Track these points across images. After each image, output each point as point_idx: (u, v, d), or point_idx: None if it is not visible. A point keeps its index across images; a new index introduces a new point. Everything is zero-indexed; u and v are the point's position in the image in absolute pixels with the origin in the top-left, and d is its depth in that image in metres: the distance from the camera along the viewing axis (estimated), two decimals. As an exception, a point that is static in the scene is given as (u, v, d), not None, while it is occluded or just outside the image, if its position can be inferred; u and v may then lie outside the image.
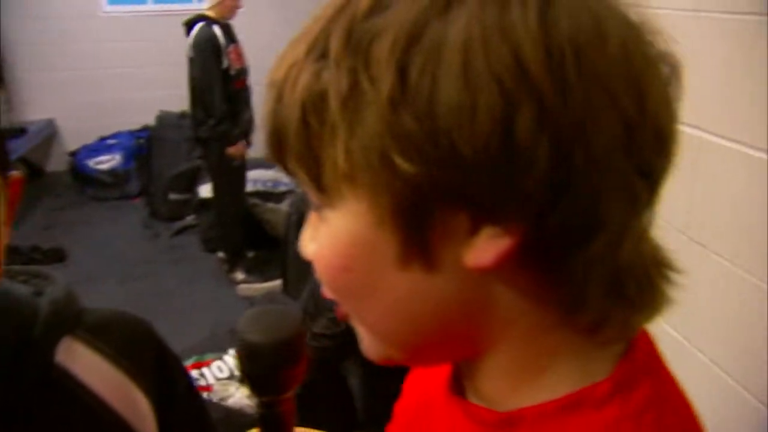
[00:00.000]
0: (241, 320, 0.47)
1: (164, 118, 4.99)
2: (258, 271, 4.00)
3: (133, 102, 5.64)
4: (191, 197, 4.73)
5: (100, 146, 5.56)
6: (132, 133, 5.64)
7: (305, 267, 1.96)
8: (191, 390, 0.79)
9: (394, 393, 2.13)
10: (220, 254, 4.12)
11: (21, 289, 0.68)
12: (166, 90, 5.19)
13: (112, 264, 4.34)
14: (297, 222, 3.11)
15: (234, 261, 4.02)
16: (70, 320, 0.67)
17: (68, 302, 0.68)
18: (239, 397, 2.49)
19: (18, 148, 5.20)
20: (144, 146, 5.46)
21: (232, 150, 3.65)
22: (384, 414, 2.18)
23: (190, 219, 4.73)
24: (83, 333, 0.69)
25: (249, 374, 0.47)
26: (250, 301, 3.63)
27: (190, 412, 0.78)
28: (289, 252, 3.19)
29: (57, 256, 4.47)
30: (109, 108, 5.70)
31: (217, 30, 3.59)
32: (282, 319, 0.47)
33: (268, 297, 2.87)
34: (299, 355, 0.47)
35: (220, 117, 3.56)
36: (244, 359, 0.47)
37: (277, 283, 3.69)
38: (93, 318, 0.71)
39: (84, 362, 0.67)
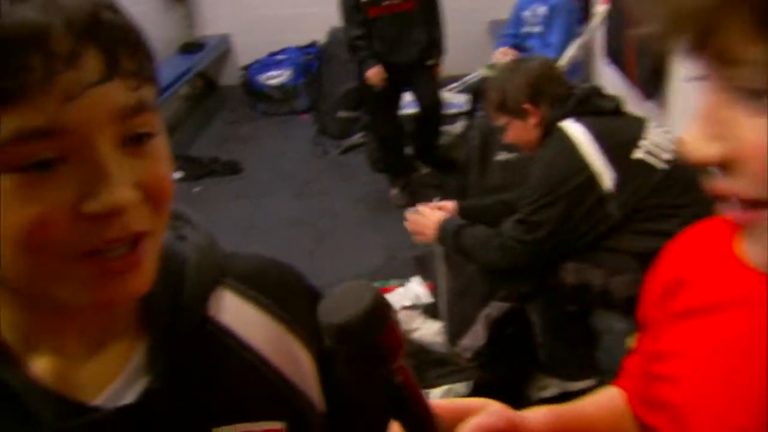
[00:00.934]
0: (319, 308, 0.47)
1: (335, 35, 4.93)
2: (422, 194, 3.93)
3: (304, 17, 5.63)
4: (360, 115, 4.70)
5: (270, 61, 5.64)
6: (300, 49, 5.67)
7: (484, 193, 1.81)
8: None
9: (577, 335, 1.96)
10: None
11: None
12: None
13: (285, 179, 4.44)
14: (480, 146, 2.97)
15: (395, 183, 3.99)
16: (218, 268, 0.62)
17: (213, 249, 0.62)
18: (424, 331, 2.44)
19: (197, 63, 5.39)
20: (313, 62, 5.48)
21: (369, 74, 3.67)
22: (566, 357, 2.03)
23: (357, 137, 4.71)
24: (233, 281, 0.63)
25: (348, 355, 0.46)
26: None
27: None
28: (470, 176, 3.06)
29: (233, 168, 4.63)
30: (281, 23, 5.73)
31: None
32: (355, 292, 0.46)
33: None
34: (385, 319, 0.46)
35: (350, 44, 3.72)
36: (336, 343, 0.46)
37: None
38: (242, 265, 0.66)
39: (237, 313, 0.62)
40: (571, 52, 3.90)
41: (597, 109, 1.99)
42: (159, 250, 0.52)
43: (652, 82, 2.85)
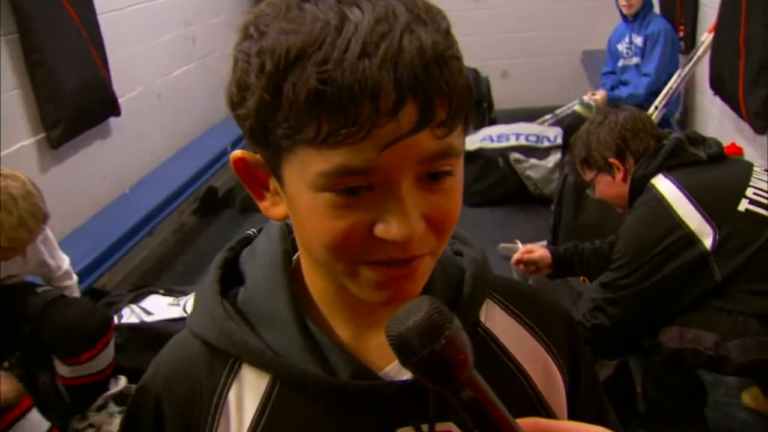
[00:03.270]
0: (386, 325, 0.48)
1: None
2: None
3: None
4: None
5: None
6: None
7: (578, 233, 1.72)
8: (592, 368, 0.77)
9: (684, 387, 1.78)
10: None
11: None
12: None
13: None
14: (574, 183, 2.85)
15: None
16: (490, 282, 0.69)
17: (486, 264, 0.70)
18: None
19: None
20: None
21: None
22: (671, 411, 1.84)
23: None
24: (500, 297, 0.71)
25: (416, 366, 0.46)
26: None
27: (592, 389, 0.76)
28: (563, 213, 2.94)
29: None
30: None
31: None
32: (414, 307, 0.47)
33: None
34: (441, 331, 0.46)
35: None
36: (399, 358, 0.47)
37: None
38: (510, 285, 0.74)
39: (503, 325, 0.69)
40: (671, 83, 3.72)
41: (692, 159, 1.85)
42: (435, 261, 0.59)
43: (764, 115, 2.65)
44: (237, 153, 0.59)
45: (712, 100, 3.45)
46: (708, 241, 1.74)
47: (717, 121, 3.56)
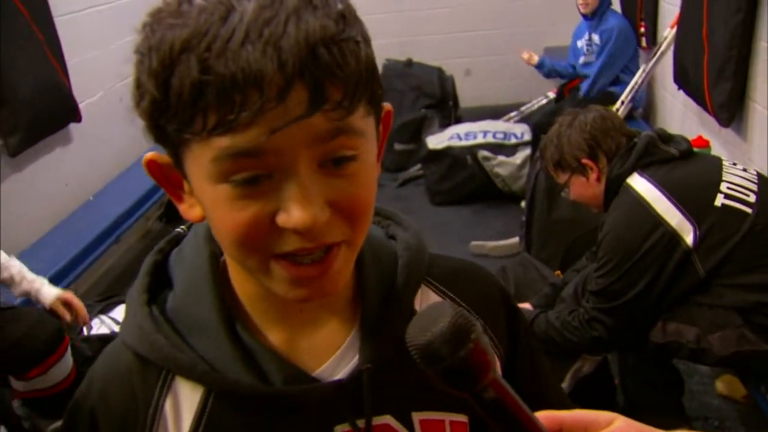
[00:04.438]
0: (407, 332, 0.47)
1: (390, 67, 4.91)
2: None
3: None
4: (417, 148, 4.65)
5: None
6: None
7: (551, 228, 1.72)
8: (528, 335, 0.78)
9: (660, 378, 1.80)
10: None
11: (376, 231, 0.70)
12: (390, 38, 5.11)
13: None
14: (546, 179, 2.86)
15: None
16: (424, 268, 0.68)
17: (421, 248, 0.69)
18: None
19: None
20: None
21: None
22: (649, 401, 1.86)
23: (414, 170, 4.65)
24: (434, 281, 0.70)
25: (441, 373, 0.46)
26: (484, 259, 3.47)
27: (530, 369, 0.76)
28: (535, 210, 2.95)
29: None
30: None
31: None
32: (435, 313, 0.46)
33: (519, 260, 2.66)
34: (466, 337, 0.45)
35: None
36: (424, 365, 0.46)
37: (510, 241, 3.49)
38: (443, 266, 0.71)
39: None
40: (636, 78, 3.78)
41: (665, 157, 1.86)
42: (354, 255, 0.58)
43: (729, 108, 2.70)
44: (148, 155, 0.57)
45: (675, 94, 3.51)
46: (689, 238, 1.74)
47: (681, 114, 3.62)
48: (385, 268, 0.66)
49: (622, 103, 3.74)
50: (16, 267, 2.27)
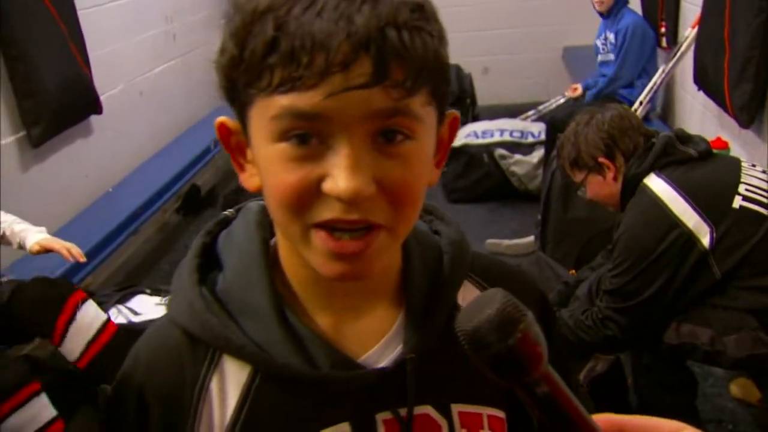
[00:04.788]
0: (457, 319, 0.47)
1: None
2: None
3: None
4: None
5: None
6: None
7: (567, 227, 1.71)
8: (560, 339, 0.81)
9: (674, 379, 1.79)
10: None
11: (421, 226, 0.71)
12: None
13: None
14: (562, 177, 2.86)
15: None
16: (468, 263, 0.70)
17: (465, 245, 0.70)
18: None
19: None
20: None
21: None
22: (661, 403, 1.84)
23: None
24: (477, 277, 0.71)
25: (489, 361, 0.45)
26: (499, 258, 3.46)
27: (560, 362, 0.70)
28: (551, 208, 2.95)
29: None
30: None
31: None
32: (485, 300, 0.46)
33: (534, 259, 2.66)
34: (515, 325, 0.45)
35: None
36: (471, 353, 0.45)
37: (526, 240, 3.49)
38: (484, 263, 0.74)
39: None
40: (655, 78, 3.76)
41: (684, 157, 1.85)
42: (395, 244, 0.59)
43: (749, 110, 2.68)
44: (220, 118, 0.60)
45: (695, 95, 3.49)
46: (706, 240, 1.74)
47: (700, 116, 3.60)
48: (430, 261, 0.68)
49: (641, 103, 3.72)
50: (7, 222, 2.32)
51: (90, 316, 2.22)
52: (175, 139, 4.36)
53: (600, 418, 0.49)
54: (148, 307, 2.63)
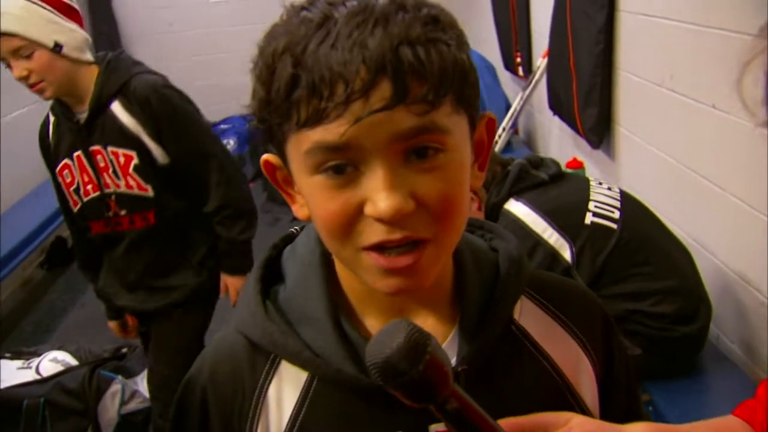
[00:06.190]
0: (366, 351, 0.50)
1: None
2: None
3: (246, 86, 5.61)
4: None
5: (214, 131, 5.57)
6: (244, 117, 5.62)
7: None
8: (625, 361, 0.78)
9: None
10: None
11: (479, 242, 0.73)
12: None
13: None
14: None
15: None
16: (525, 279, 0.71)
17: (523, 261, 0.71)
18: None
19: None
20: (257, 130, 5.42)
21: None
22: None
23: (308, 202, 4.65)
24: (537, 295, 0.72)
25: (403, 387, 0.48)
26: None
27: (625, 383, 0.77)
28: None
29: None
30: (223, 93, 5.71)
31: None
32: (390, 332, 0.49)
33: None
34: (422, 352, 0.48)
35: None
36: (383, 382, 0.48)
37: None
38: (546, 281, 0.75)
39: (537, 322, 0.71)
40: (515, 105, 3.97)
41: (537, 182, 1.98)
42: (443, 256, 0.60)
43: (597, 131, 2.89)
44: (265, 156, 0.63)
45: (551, 120, 3.71)
46: (567, 254, 1.86)
47: (557, 139, 3.83)
48: (486, 276, 0.69)
49: (504, 129, 3.91)
50: None
51: None
52: (37, 187, 4.12)
53: (504, 423, 0.55)
54: (9, 373, 2.43)
